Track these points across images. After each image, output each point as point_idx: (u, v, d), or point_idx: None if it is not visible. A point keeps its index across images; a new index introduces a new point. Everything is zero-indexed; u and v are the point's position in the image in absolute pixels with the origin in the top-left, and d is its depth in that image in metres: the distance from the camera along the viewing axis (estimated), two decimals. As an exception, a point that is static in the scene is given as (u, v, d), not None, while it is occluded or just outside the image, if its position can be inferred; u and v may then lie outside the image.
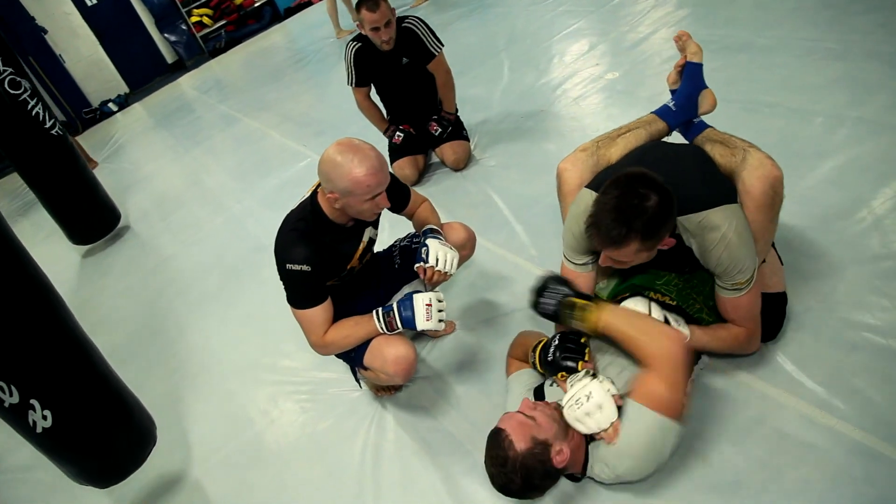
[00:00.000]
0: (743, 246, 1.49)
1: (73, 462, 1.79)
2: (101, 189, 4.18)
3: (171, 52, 9.52)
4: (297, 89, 6.15)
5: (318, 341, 1.80)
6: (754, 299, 1.58)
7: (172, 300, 3.35)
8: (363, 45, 3.01)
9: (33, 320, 1.62)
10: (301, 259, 1.69)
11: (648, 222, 1.39)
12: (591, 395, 1.44)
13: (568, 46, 4.26)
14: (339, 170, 1.60)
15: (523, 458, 1.39)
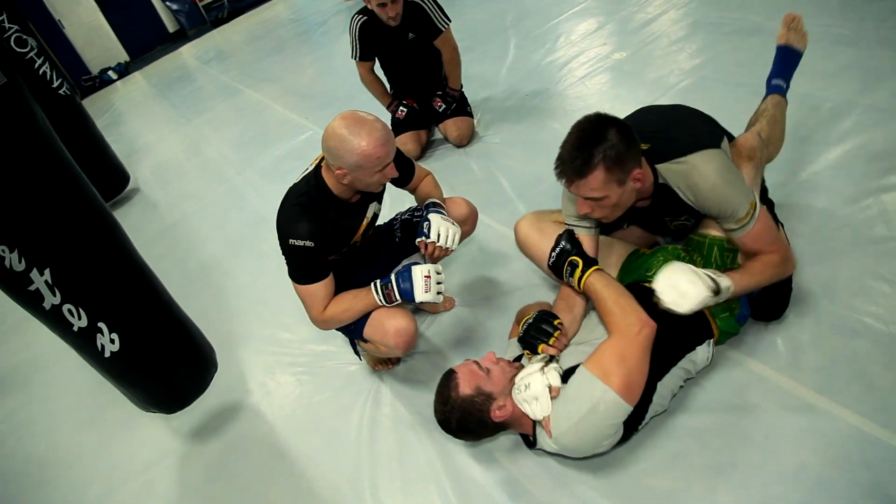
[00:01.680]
0: (729, 185, 1.51)
1: (140, 387, 1.82)
2: (111, 150, 4.17)
3: (172, 20, 9.43)
4: (301, 62, 6.08)
5: (319, 316, 1.79)
6: (766, 225, 1.56)
7: (171, 269, 3.32)
8: (369, 19, 2.96)
9: (99, 246, 1.63)
10: (305, 234, 1.67)
11: (610, 148, 1.43)
12: (529, 385, 1.49)
13: (575, 25, 4.20)
14: (348, 144, 1.58)
15: (462, 401, 1.48)
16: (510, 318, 2.14)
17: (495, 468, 1.69)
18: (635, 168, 1.49)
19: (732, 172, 1.54)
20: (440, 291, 1.74)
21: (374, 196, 1.88)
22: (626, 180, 1.48)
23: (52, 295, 1.51)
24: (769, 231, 1.57)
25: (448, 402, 1.50)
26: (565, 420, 1.43)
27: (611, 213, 1.57)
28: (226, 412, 2.25)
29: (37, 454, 2.45)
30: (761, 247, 1.58)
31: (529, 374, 1.51)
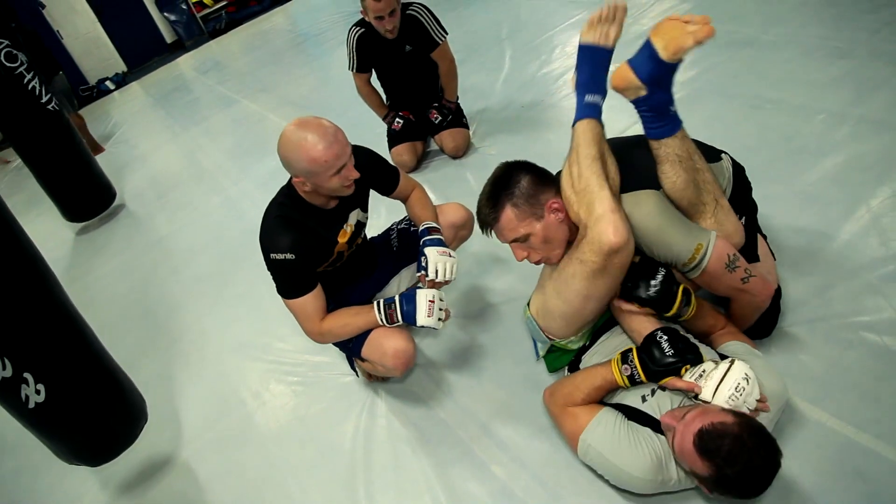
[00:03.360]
0: (661, 229, 1.46)
1: (65, 439, 1.77)
2: (97, 166, 4.14)
3: (170, 31, 9.45)
4: (298, 73, 6.10)
5: (315, 329, 1.76)
6: (715, 272, 1.46)
7: (166, 279, 3.33)
8: (366, 31, 2.97)
9: (26, 294, 1.60)
10: (284, 248, 1.65)
11: (517, 188, 1.50)
12: (748, 376, 1.34)
13: (571, 37, 4.22)
14: (296, 152, 1.55)
15: (742, 426, 1.25)
16: (506, 328, 2.15)
17: (490, 481, 1.68)
18: (550, 199, 1.51)
19: (669, 215, 1.48)
20: (441, 318, 1.72)
21: (354, 202, 1.85)
22: (543, 213, 1.51)
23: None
24: (721, 280, 1.48)
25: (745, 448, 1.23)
26: (779, 378, 1.43)
27: (548, 250, 1.56)
28: (221, 422, 2.23)
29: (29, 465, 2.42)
30: (721, 289, 1.53)
31: (743, 369, 1.35)
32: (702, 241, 1.45)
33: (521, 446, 1.72)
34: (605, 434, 1.44)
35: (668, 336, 1.43)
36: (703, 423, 1.25)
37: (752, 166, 1.84)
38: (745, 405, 1.32)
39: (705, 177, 1.55)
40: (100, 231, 4.24)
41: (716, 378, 1.35)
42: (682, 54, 1.43)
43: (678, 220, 1.49)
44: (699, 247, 1.44)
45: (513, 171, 1.54)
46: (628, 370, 1.45)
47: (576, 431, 1.49)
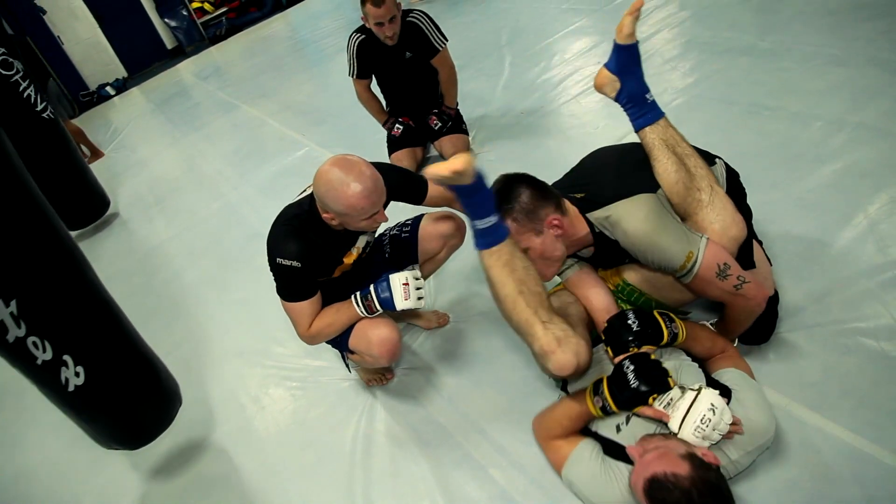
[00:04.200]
0: (656, 235, 1.47)
1: (104, 422, 1.78)
2: (91, 175, 4.14)
3: (170, 37, 9.48)
4: (298, 78, 6.12)
5: (305, 332, 1.80)
6: (706, 278, 1.47)
7: (166, 285, 3.33)
8: (367, 38, 2.99)
9: (64, 279, 1.61)
10: (292, 255, 1.68)
11: (517, 203, 1.51)
12: (714, 406, 1.33)
13: (570, 44, 4.25)
14: (334, 192, 1.57)
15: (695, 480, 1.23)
16: (503, 334, 2.15)
17: (489, 485, 1.68)
18: (549, 215, 1.52)
19: (663, 220, 1.49)
20: (421, 297, 1.75)
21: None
22: (543, 229, 1.53)
23: (16, 327, 1.47)
24: (712, 286, 1.49)
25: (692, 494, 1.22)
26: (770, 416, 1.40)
27: (544, 266, 1.58)
28: (220, 426, 2.24)
29: (27, 469, 2.43)
30: (713, 294, 1.53)
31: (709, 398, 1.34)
32: (693, 249, 1.46)
33: (519, 451, 1.73)
34: (581, 472, 1.47)
35: (635, 364, 1.41)
36: (658, 469, 1.25)
37: (749, 173, 1.85)
38: (714, 433, 1.32)
39: (696, 161, 1.61)
40: (95, 239, 4.24)
41: (682, 409, 1.35)
42: (628, 32, 1.64)
43: (671, 227, 1.49)
44: (690, 255, 1.46)
45: (513, 185, 1.54)
46: (599, 402, 1.45)
47: (558, 464, 1.54)
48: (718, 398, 1.35)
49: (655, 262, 1.50)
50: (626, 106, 1.69)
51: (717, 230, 1.55)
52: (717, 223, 1.55)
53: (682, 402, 1.36)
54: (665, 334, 1.48)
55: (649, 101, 1.68)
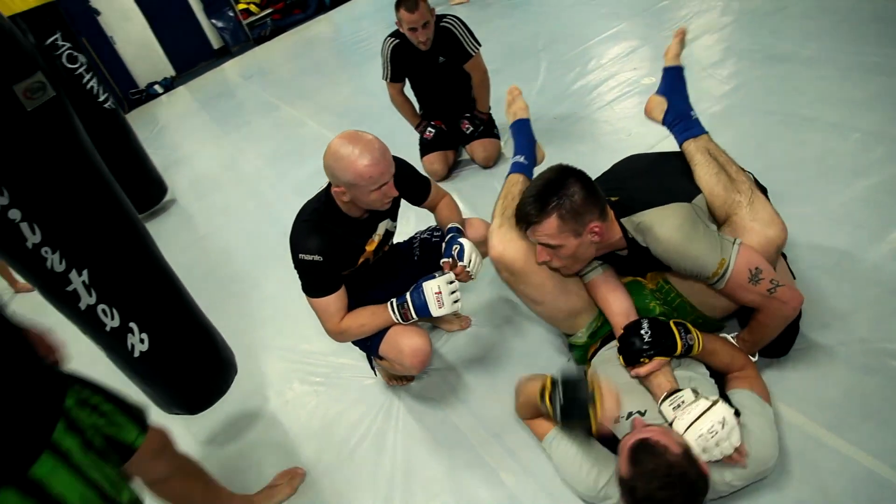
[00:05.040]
0: (688, 243, 1.46)
1: (166, 387, 1.89)
2: (150, 162, 4.37)
3: (217, 37, 9.74)
4: (338, 80, 6.23)
5: (334, 328, 1.83)
6: (738, 283, 1.46)
7: (201, 279, 3.43)
8: (401, 42, 3.04)
9: (132, 251, 1.72)
10: (313, 249, 1.72)
11: (567, 198, 1.47)
12: (726, 421, 1.32)
13: (607, 49, 4.22)
14: (342, 163, 1.61)
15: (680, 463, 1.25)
16: (525, 340, 2.16)
17: (499, 489, 1.70)
18: (593, 221, 1.50)
19: (696, 229, 1.48)
20: (457, 300, 1.76)
21: (385, 214, 1.91)
22: (583, 232, 1.51)
23: (88, 295, 1.58)
24: (745, 291, 1.49)
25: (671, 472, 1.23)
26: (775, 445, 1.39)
27: (570, 264, 1.59)
28: (243, 418, 2.30)
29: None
30: (746, 300, 1.53)
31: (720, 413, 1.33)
32: (725, 256, 1.46)
33: (530, 456, 1.74)
34: (557, 449, 1.58)
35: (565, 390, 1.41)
36: (654, 436, 1.27)
37: (781, 185, 1.84)
38: (716, 449, 1.32)
39: (736, 168, 1.68)
40: (150, 225, 4.39)
41: (693, 414, 1.35)
42: (674, 54, 1.85)
43: (703, 235, 1.49)
44: (722, 262, 1.45)
45: (568, 179, 1.49)
46: (544, 408, 1.46)
47: (540, 436, 1.66)
48: (732, 417, 1.34)
49: (687, 269, 1.50)
50: (671, 123, 1.77)
51: (756, 229, 1.55)
52: (757, 223, 1.56)
53: (694, 406, 1.36)
54: (679, 345, 1.47)
55: (693, 118, 1.79)
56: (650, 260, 1.59)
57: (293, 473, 1.97)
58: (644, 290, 1.77)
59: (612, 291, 1.71)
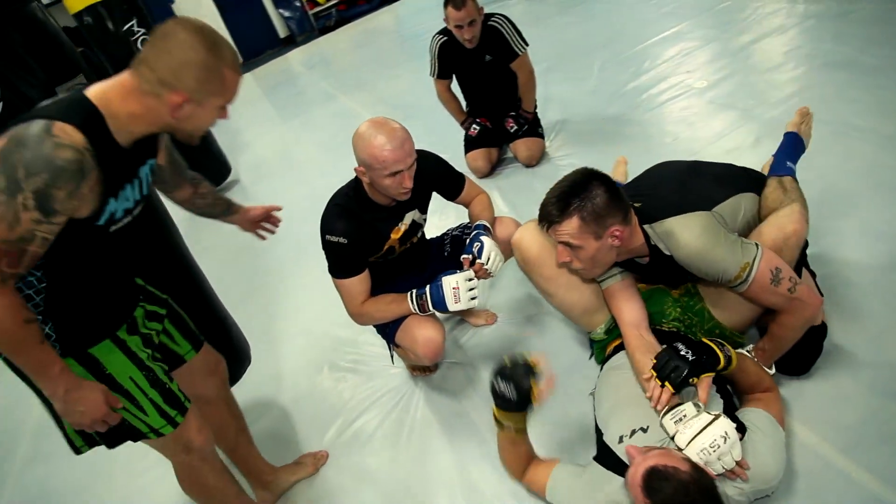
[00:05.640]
0: (710, 250, 1.48)
1: None
2: (216, 144, 4.60)
3: (283, 26, 10.00)
4: (395, 72, 6.31)
5: (355, 310, 1.91)
6: (762, 286, 1.48)
7: (247, 264, 3.60)
8: (449, 40, 3.08)
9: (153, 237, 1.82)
10: (339, 232, 1.81)
11: (590, 200, 1.48)
12: (728, 436, 1.32)
13: (665, 50, 4.14)
14: (362, 142, 1.70)
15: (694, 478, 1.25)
16: (549, 338, 2.19)
17: (506, 482, 1.74)
18: (614, 225, 1.50)
19: (717, 236, 1.50)
20: (474, 297, 1.80)
21: (413, 204, 1.94)
22: (603, 235, 1.51)
23: None
24: (768, 293, 1.50)
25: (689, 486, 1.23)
26: (780, 463, 1.38)
27: (589, 267, 1.59)
28: (274, 399, 2.42)
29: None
30: (765, 304, 1.55)
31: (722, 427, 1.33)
32: (748, 260, 1.47)
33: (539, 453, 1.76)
34: (561, 491, 1.54)
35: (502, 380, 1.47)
36: (659, 462, 1.26)
37: (824, 197, 1.80)
38: (718, 463, 1.31)
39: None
40: (199, 211, 4.62)
41: (695, 428, 1.34)
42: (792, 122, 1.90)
43: (724, 240, 1.50)
44: (745, 265, 1.47)
45: (592, 182, 1.51)
46: (510, 428, 1.53)
47: (542, 492, 1.59)
48: (734, 431, 1.34)
49: (711, 274, 1.51)
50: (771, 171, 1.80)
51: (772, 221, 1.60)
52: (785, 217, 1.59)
53: (696, 420, 1.36)
54: (721, 360, 1.45)
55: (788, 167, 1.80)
56: (671, 268, 1.60)
57: (318, 455, 2.07)
58: (668, 295, 1.78)
59: (628, 301, 1.71)
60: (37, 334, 1.16)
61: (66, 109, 1.12)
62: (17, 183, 1.04)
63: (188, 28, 1.17)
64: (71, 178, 1.08)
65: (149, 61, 1.17)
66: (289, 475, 2.00)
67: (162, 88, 1.17)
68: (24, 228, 1.07)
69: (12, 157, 1.05)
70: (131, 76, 1.19)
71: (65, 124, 1.08)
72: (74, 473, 2.46)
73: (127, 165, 1.26)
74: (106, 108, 1.17)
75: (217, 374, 1.77)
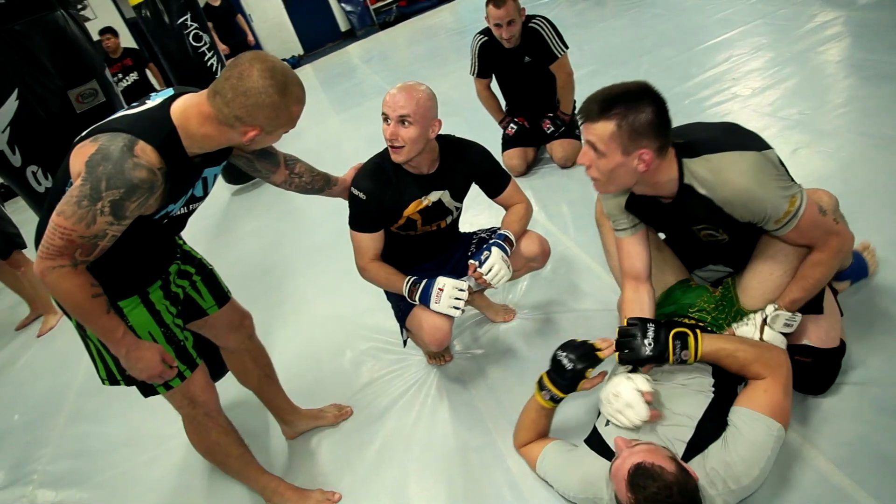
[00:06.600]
0: (760, 186, 1.43)
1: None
2: None
3: (345, 20, 10.24)
4: (447, 69, 6.40)
5: (360, 263, 2.02)
6: (811, 220, 1.46)
7: (288, 247, 3.75)
8: (489, 40, 3.15)
9: None
10: (362, 187, 1.91)
11: (634, 111, 1.38)
12: (619, 394, 1.46)
13: (713, 56, 4.08)
14: None
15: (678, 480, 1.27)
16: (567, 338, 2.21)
17: (503, 473, 1.80)
18: (647, 148, 1.42)
19: (766, 174, 1.44)
20: (457, 306, 1.86)
21: (441, 183, 1.98)
22: (632, 153, 1.42)
23: None
24: (815, 227, 1.48)
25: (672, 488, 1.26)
26: (756, 468, 1.35)
27: (604, 180, 1.51)
28: (298, 377, 2.51)
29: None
30: (806, 242, 1.52)
31: (615, 385, 1.49)
32: (795, 194, 1.45)
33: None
34: (549, 462, 1.64)
35: (565, 351, 1.60)
36: (647, 459, 1.29)
37: (855, 210, 1.79)
38: (613, 418, 1.48)
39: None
40: (250, 195, 4.84)
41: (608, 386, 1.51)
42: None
43: (774, 177, 1.46)
44: (794, 199, 1.44)
45: (645, 97, 1.41)
46: (547, 394, 1.63)
47: (532, 462, 1.70)
48: (631, 392, 1.45)
49: (758, 213, 1.47)
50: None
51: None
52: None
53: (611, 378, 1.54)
54: (670, 359, 1.50)
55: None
56: (693, 212, 1.57)
57: (342, 409, 2.25)
58: (706, 291, 1.80)
59: (635, 253, 1.72)
60: (103, 305, 1.37)
61: (149, 128, 1.31)
62: (99, 192, 1.24)
63: (263, 72, 1.32)
64: (142, 193, 1.28)
65: (225, 97, 1.32)
66: (309, 420, 2.21)
67: (237, 122, 1.35)
68: (99, 228, 1.27)
69: (97, 170, 1.24)
70: (209, 103, 1.35)
71: (146, 144, 1.27)
72: (111, 433, 2.65)
73: (194, 175, 1.47)
74: (183, 128, 1.35)
75: (242, 328, 1.96)
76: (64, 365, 3.38)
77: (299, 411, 2.19)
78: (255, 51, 1.41)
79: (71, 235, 1.25)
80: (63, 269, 1.28)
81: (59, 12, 1.79)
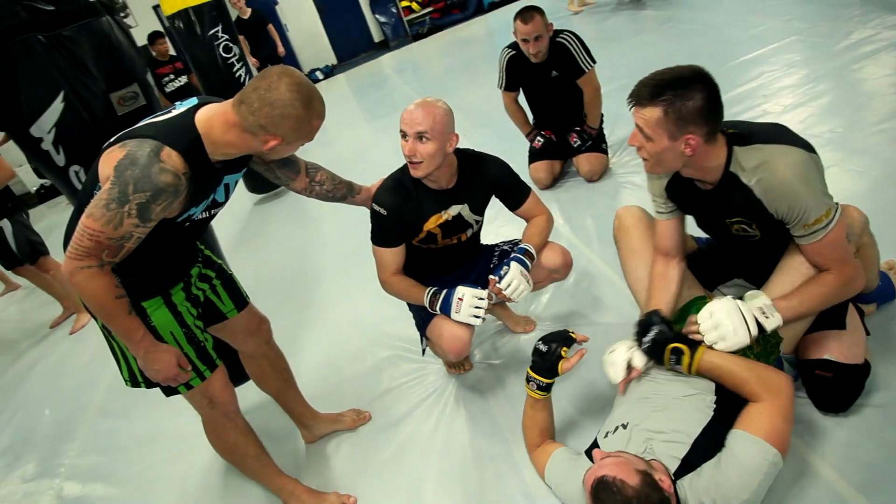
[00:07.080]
0: (802, 183, 1.43)
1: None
2: None
3: (378, 31, 10.39)
4: (478, 81, 6.45)
5: (383, 277, 2.05)
6: (837, 240, 1.47)
7: (314, 253, 3.82)
8: (517, 54, 3.18)
9: None
10: (382, 202, 1.93)
11: (683, 97, 1.39)
12: (614, 350, 1.62)
13: (746, 72, 4.05)
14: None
15: (640, 494, 1.28)
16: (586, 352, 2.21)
17: (518, 483, 1.80)
18: (693, 133, 1.43)
19: (812, 173, 1.45)
20: (478, 315, 1.88)
21: (460, 197, 2.01)
22: (679, 138, 1.44)
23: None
24: (838, 248, 1.48)
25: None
26: (746, 492, 1.33)
27: (653, 161, 1.55)
28: (319, 382, 2.57)
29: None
30: (823, 261, 1.51)
31: (618, 344, 1.62)
32: (832, 206, 1.46)
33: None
34: (555, 473, 1.66)
35: (541, 340, 1.71)
36: (609, 473, 1.30)
37: (882, 231, 1.76)
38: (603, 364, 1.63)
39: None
40: (273, 203, 4.93)
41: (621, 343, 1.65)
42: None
43: (818, 181, 1.47)
44: (829, 210, 1.45)
45: (697, 83, 1.41)
46: (534, 384, 1.72)
47: (541, 471, 1.72)
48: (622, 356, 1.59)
49: (794, 210, 1.47)
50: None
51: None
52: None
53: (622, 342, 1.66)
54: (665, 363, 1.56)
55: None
56: (732, 201, 1.57)
57: (361, 414, 2.28)
58: None
59: (669, 234, 1.78)
60: (125, 306, 1.44)
61: (175, 134, 1.37)
62: (126, 196, 1.30)
63: (290, 85, 1.38)
64: (167, 196, 1.34)
65: (252, 106, 1.38)
66: (328, 423, 2.25)
67: (260, 131, 1.40)
68: (125, 230, 1.33)
69: (125, 174, 1.30)
70: (234, 112, 1.40)
71: (171, 150, 1.33)
72: (136, 430, 2.73)
73: (216, 180, 1.53)
74: (207, 135, 1.41)
75: (259, 333, 2.00)
76: (93, 362, 3.49)
77: (318, 415, 2.23)
78: (283, 65, 1.48)
79: (99, 237, 1.31)
80: (90, 269, 1.34)
81: (104, 18, 1.87)
